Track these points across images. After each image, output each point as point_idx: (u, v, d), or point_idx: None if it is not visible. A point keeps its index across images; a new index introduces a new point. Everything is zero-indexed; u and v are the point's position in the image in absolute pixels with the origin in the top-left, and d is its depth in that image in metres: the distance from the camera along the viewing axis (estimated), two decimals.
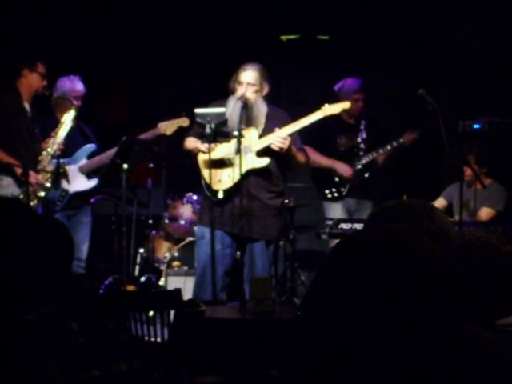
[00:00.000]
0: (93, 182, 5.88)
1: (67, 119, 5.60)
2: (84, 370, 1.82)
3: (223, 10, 7.46)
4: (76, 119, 6.00)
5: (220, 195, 5.16)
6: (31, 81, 5.55)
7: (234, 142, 5.12)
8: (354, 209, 6.16)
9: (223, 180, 5.18)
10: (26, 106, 5.59)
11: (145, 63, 7.65)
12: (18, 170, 5.33)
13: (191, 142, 5.33)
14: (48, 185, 5.48)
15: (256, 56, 5.52)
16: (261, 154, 5.19)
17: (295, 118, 5.27)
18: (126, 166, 5.52)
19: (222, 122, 5.16)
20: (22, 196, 5.29)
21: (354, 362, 1.14)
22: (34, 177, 5.37)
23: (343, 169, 6.08)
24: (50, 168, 5.53)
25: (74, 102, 5.89)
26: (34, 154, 5.50)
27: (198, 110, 5.23)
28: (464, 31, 7.03)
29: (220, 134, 5.18)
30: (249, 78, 5.20)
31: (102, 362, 1.87)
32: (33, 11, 7.07)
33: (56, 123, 5.74)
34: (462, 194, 5.30)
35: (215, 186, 5.17)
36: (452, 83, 7.07)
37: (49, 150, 5.51)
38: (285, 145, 5.08)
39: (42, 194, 5.43)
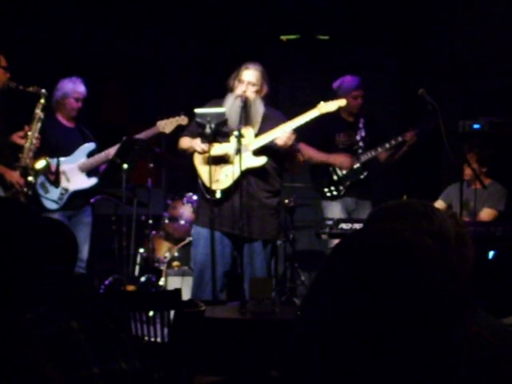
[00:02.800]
0: (93, 180, 5.89)
1: (38, 110, 5.48)
2: (84, 367, 1.82)
3: (223, 9, 7.46)
4: (74, 119, 6.00)
5: (218, 195, 5.15)
6: None
7: (232, 141, 5.12)
8: (353, 208, 6.15)
9: (221, 180, 5.18)
10: None
11: (145, 63, 7.66)
12: (3, 170, 5.29)
13: (186, 142, 5.32)
14: (30, 178, 5.42)
15: (256, 56, 5.53)
16: (257, 153, 5.19)
17: (294, 118, 5.27)
18: (125, 165, 5.52)
19: (221, 121, 5.16)
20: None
21: (354, 363, 1.14)
22: (14, 176, 5.31)
23: (340, 160, 6.08)
24: (28, 161, 5.45)
25: (74, 104, 5.89)
26: (11, 150, 5.44)
27: (197, 110, 5.22)
28: (464, 31, 7.03)
29: (220, 133, 5.18)
30: (250, 77, 5.20)
31: (102, 360, 1.87)
32: (33, 11, 7.07)
33: (55, 123, 5.72)
34: (462, 194, 5.30)
35: (213, 186, 5.16)
36: (452, 83, 7.07)
37: (27, 145, 5.46)
38: (290, 140, 5.08)
39: (26, 190, 5.38)
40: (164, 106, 7.62)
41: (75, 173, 5.82)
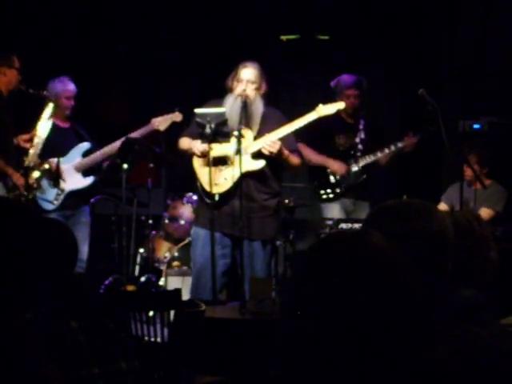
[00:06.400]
0: (88, 180, 5.88)
1: (45, 115, 5.53)
2: (84, 367, 1.82)
3: (223, 9, 7.46)
4: (69, 119, 6.00)
5: (217, 198, 5.14)
6: (10, 77, 5.42)
7: (232, 142, 5.12)
8: (351, 209, 6.13)
9: (220, 183, 5.17)
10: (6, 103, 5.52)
11: (145, 63, 7.66)
12: (11, 172, 5.28)
13: (186, 143, 5.32)
14: (32, 182, 5.43)
15: (256, 56, 5.52)
16: (256, 156, 5.18)
17: (294, 118, 5.26)
18: (125, 165, 5.52)
19: (221, 121, 5.15)
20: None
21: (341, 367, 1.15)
22: (20, 179, 5.31)
23: (335, 166, 6.05)
24: (32, 164, 5.45)
25: (67, 103, 5.90)
26: (18, 152, 5.46)
27: (197, 110, 5.22)
28: (464, 31, 7.03)
29: (220, 134, 5.18)
30: (249, 75, 5.19)
31: (102, 360, 1.87)
32: (33, 11, 7.07)
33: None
34: (462, 194, 5.29)
35: (212, 189, 5.15)
36: (452, 83, 7.07)
37: (33, 149, 5.47)
38: (274, 149, 5.07)
39: (30, 196, 5.37)
40: (164, 106, 7.61)
41: (71, 173, 5.82)
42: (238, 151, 4.98)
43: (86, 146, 5.95)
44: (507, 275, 3.07)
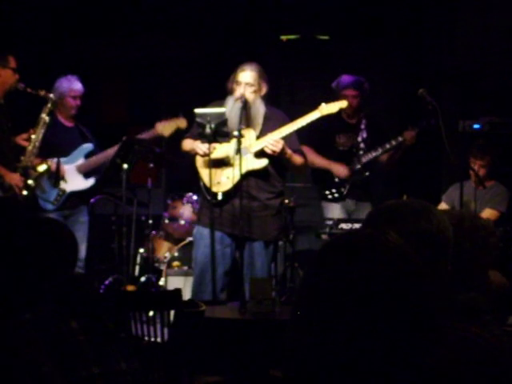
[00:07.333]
0: (90, 182, 5.87)
1: (43, 114, 5.50)
2: (84, 367, 1.82)
3: (223, 9, 7.46)
4: (73, 118, 5.99)
5: (219, 197, 5.15)
6: (5, 77, 5.35)
7: (233, 142, 5.12)
8: (353, 209, 6.13)
9: (222, 182, 5.17)
10: (2, 102, 5.50)
11: (145, 63, 7.66)
12: (4, 172, 5.26)
13: (188, 144, 5.32)
14: (30, 181, 5.40)
15: (255, 56, 5.52)
16: (259, 155, 5.18)
17: (294, 118, 5.26)
18: (125, 165, 5.52)
19: (221, 122, 5.15)
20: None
21: (347, 367, 1.15)
22: (14, 178, 5.29)
23: (339, 170, 6.04)
24: (30, 164, 5.44)
25: (72, 102, 5.89)
26: (15, 151, 5.44)
27: (198, 110, 5.22)
28: (464, 31, 7.03)
29: (220, 134, 5.18)
30: (247, 78, 5.19)
31: (102, 360, 1.87)
32: (33, 11, 7.07)
33: (54, 123, 5.71)
34: (463, 195, 5.30)
35: (214, 188, 5.15)
36: (452, 83, 7.08)
37: (30, 148, 5.46)
38: (277, 148, 5.06)
39: (25, 192, 5.34)
40: (164, 107, 7.62)
41: (73, 174, 5.81)
42: (238, 151, 4.99)
43: (89, 147, 5.94)
44: (507, 275, 3.07)
